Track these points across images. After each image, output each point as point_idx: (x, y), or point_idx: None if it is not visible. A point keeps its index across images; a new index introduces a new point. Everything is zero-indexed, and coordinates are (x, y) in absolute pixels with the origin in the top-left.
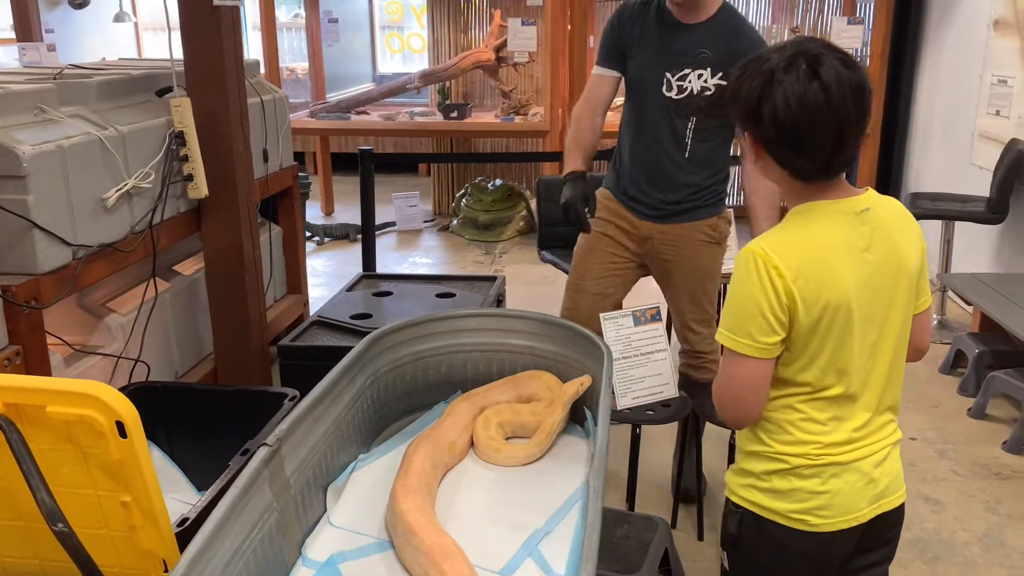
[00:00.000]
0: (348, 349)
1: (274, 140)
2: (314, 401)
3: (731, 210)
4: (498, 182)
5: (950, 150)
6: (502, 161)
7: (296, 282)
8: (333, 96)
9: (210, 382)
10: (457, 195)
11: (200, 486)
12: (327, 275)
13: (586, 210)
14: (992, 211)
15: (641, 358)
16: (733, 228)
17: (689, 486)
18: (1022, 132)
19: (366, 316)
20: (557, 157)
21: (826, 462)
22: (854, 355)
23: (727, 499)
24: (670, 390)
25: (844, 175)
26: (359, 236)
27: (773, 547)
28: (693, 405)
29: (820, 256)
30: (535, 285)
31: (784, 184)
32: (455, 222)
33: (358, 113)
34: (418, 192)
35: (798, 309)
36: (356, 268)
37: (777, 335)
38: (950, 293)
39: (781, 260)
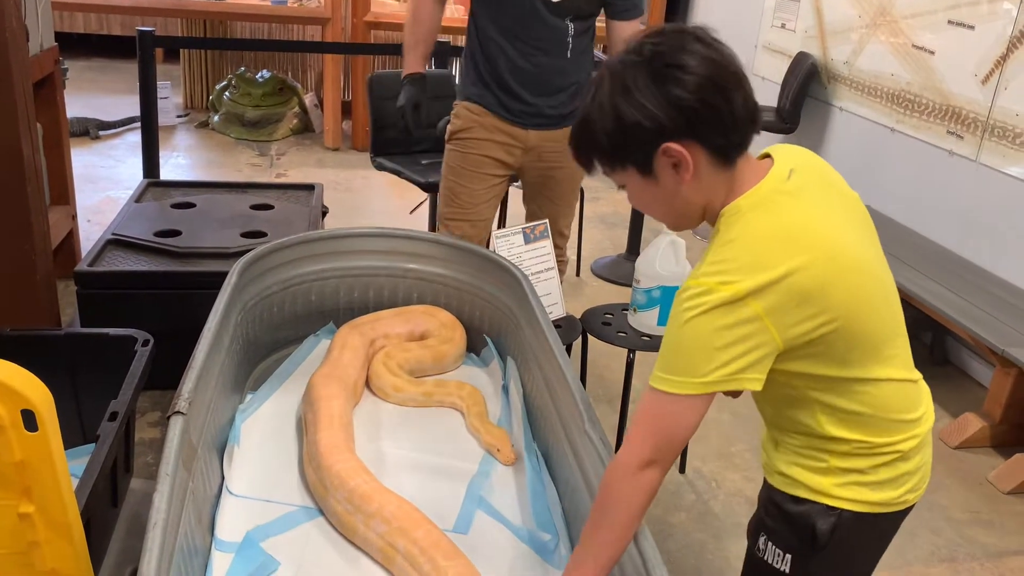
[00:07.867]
0: (165, 274)
1: (32, 13)
2: (209, 349)
3: None
4: (266, 73)
5: None
6: (287, 50)
7: (62, 191)
8: None
9: None
10: (217, 87)
11: None
12: (77, 180)
13: (416, 118)
14: (785, 121)
15: (532, 278)
16: None
17: None
18: (807, 45)
19: (174, 233)
20: (339, 49)
21: (925, 430)
22: (879, 304)
23: (807, 500)
24: (559, 310)
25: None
26: (100, 133)
27: (870, 537)
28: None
29: (797, 236)
30: (331, 191)
31: (714, 184)
32: (216, 118)
33: None
34: (169, 83)
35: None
36: (109, 171)
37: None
38: None
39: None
